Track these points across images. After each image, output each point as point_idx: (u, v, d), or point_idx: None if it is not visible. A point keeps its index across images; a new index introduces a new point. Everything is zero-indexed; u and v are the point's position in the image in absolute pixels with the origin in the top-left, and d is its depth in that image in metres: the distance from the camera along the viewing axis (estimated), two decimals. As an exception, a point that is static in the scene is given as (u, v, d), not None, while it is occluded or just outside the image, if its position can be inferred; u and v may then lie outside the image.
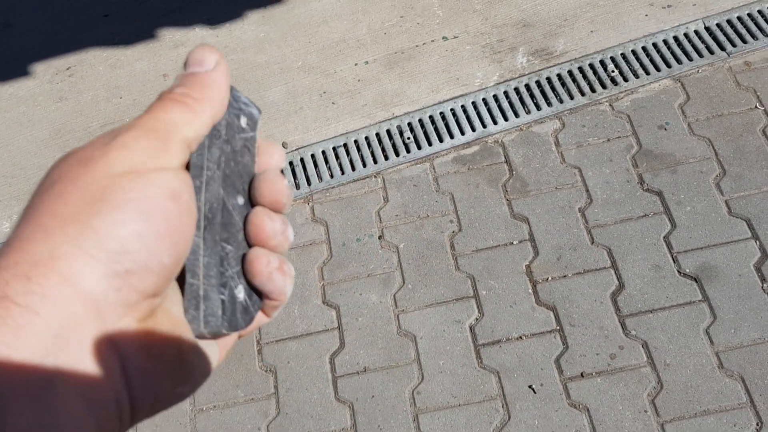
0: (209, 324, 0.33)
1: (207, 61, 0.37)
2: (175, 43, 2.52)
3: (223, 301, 0.34)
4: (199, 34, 2.52)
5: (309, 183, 2.13)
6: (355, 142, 2.19)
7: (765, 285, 1.78)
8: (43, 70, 2.53)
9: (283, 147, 2.21)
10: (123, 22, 2.60)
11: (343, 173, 2.13)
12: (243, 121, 0.37)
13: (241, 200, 0.36)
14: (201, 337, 0.33)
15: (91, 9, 2.66)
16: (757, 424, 1.62)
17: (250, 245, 0.36)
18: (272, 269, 0.36)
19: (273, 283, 0.36)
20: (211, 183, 0.34)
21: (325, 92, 2.31)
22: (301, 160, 2.17)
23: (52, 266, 0.28)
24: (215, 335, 0.34)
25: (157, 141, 0.33)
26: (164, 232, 0.31)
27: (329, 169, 2.15)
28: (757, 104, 2.06)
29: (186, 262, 0.33)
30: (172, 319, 0.33)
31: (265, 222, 0.37)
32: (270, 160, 0.40)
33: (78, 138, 2.33)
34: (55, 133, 2.37)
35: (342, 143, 2.19)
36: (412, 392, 1.76)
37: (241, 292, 0.35)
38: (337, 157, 2.16)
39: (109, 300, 0.29)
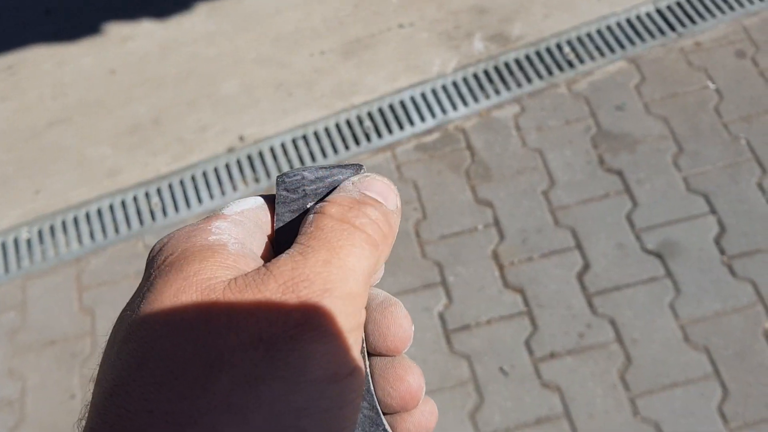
0: None
1: (390, 200, 0.31)
2: (122, 37, 2.44)
3: None
4: (147, 27, 2.44)
5: (269, 177, 2.09)
6: (314, 133, 2.15)
7: (724, 258, 1.82)
8: (-17, 69, 2.42)
9: (240, 141, 2.16)
10: (66, 17, 2.51)
11: (303, 165, 2.09)
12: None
13: None
14: None
15: (32, 5, 2.55)
16: (723, 393, 1.65)
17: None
18: None
19: None
20: None
21: (281, 84, 2.26)
22: (260, 153, 2.13)
23: None
24: None
25: (354, 320, 0.26)
26: None
27: (288, 161, 2.11)
28: (709, 83, 2.10)
29: None
30: None
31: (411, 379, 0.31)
32: None
33: (24, 138, 2.24)
34: (0, 134, 2.27)
35: (301, 135, 2.15)
36: (384, 382, 1.74)
37: None
38: (296, 149, 2.13)
39: None
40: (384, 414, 0.30)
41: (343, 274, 0.26)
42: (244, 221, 0.29)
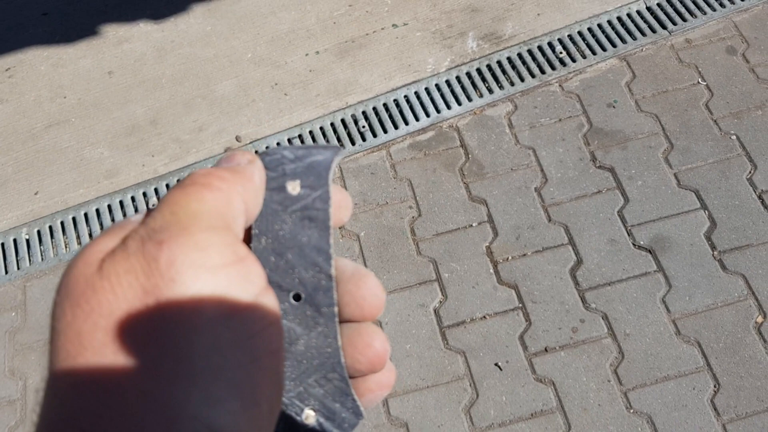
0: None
1: (238, 158, 0.31)
2: (118, 39, 2.45)
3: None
4: (143, 29, 2.46)
5: (265, 175, 2.10)
6: (310, 132, 2.17)
7: (715, 253, 1.84)
8: (-19, 71, 2.44)
9: (237, 141, 2.18)
10: (63, 19, 2.52)
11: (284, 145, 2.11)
12: (292, 187, 0.30)
13: (302, 291, 0.30)
14: None
15: (29, 8, 2.57)
16: (715, 386, 1.68)
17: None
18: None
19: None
20: None
21: (276, 84, 2.28)
22: (256, 153, 2.15)
23: None
24: None
25: (228, 250, 0.26)
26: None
27: (285, 160, 2.13)
28: (699, 80, 2.12)
29: None
30: None
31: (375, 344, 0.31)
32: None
33: (22, 140, 2.26)
34: (-3, 136, 2.28)
35: (296, 134, 2.17)
36: (381, 378, 1.76)
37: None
38: (292, 148, 2.15)
39: None
40: (351, 377, 0.31)
41: (193, 216, 0.26)
42: None
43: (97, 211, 2.10)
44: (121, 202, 2.10)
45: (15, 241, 2.07)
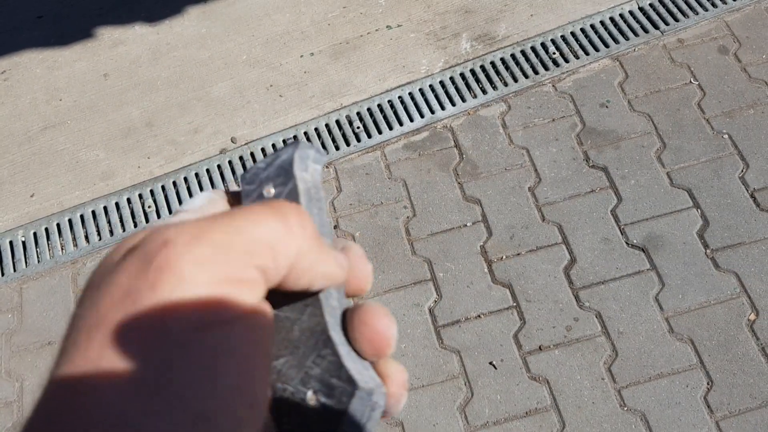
0: None
1: (353, 249, 0.31)
2: (114, 41, 2.46)
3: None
4: (138, 31, 2.47)
5: (260, 176, 2.11)
6: (305, 133, 2.18)
7: (708, 251, 1.85)
8: (-24, 74, 2.44)
9: (232, 142, 2.19)
10: (58, 22, 2.53)
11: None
12: (267, 191, 0.32)
13: None
14: None
15: (24, 11, 2.57)
16: (708, 384, 1.69)
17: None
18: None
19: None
20: None
21: (271, 85, 2.29)
22: (252, 154, 2.16)
23: None
24: None
25: (222, 269, 0.24)
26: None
27: (280, 161, 2.13)
28: (691, 79, 2.14)
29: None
30: None
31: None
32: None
33: (18, 142, 2.26)
34: (-7, 139, 2.29)
35: (291, 135, 2.18)
36: (376, 377, 1.77)
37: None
38: (287, 149, 2.15)
39: None
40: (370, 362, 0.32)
41: (230, 231, 0.25)
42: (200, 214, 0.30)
43: (93, 212, 2.10)
44: (116, 204, 2.11)
45: (11, 243, 2.08)
